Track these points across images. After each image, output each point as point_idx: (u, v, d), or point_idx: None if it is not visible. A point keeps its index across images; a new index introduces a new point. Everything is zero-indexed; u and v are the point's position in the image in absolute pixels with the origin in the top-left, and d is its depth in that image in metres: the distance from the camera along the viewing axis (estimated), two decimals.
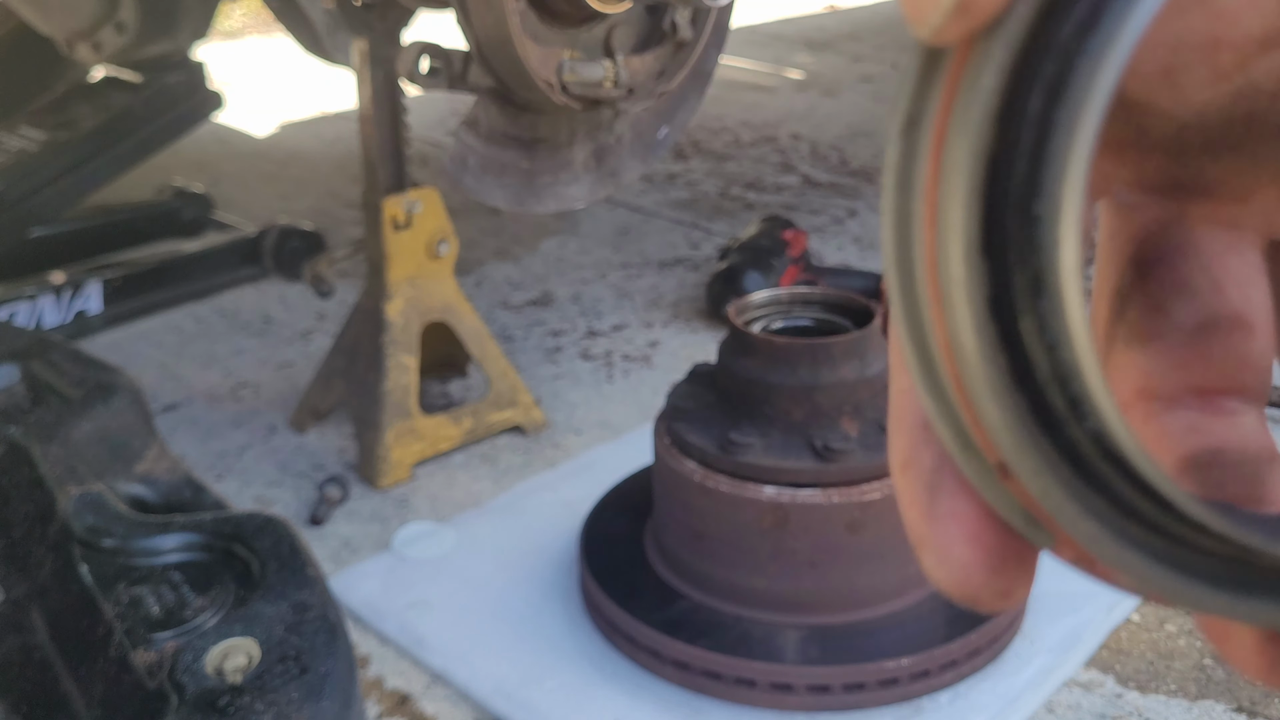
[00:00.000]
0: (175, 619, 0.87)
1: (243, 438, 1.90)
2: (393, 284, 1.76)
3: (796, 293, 1.44)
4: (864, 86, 4.17)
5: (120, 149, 2.35)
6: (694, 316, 2.33)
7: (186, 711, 0.78)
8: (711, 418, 1.36)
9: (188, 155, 3.20)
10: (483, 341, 1.85)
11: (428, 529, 1.62)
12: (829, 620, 1.31)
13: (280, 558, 0.92)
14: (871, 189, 3.11)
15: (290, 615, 0.86)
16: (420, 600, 1.47)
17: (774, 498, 1.28)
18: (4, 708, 0.89)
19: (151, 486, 1.09)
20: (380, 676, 1.37)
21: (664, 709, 1.29)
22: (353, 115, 1.81)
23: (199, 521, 0.96)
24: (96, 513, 0.97)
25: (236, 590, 0.91)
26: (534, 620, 1.43)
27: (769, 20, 5.32)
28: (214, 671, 0.81)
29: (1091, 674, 1.35)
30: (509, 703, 1.30)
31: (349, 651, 0.86)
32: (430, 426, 1.78)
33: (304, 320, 2.33)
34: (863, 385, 1.32)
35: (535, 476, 1.77)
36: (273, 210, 2.90)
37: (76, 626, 0.91)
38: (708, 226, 2.83)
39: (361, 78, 1.70)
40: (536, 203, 1.67)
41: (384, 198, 1.73)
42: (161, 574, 0.92)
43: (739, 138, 3.55)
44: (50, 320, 2.20)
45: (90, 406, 1.11)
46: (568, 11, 1.53)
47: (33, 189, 2.27)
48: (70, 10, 2.24)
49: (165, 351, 2.21)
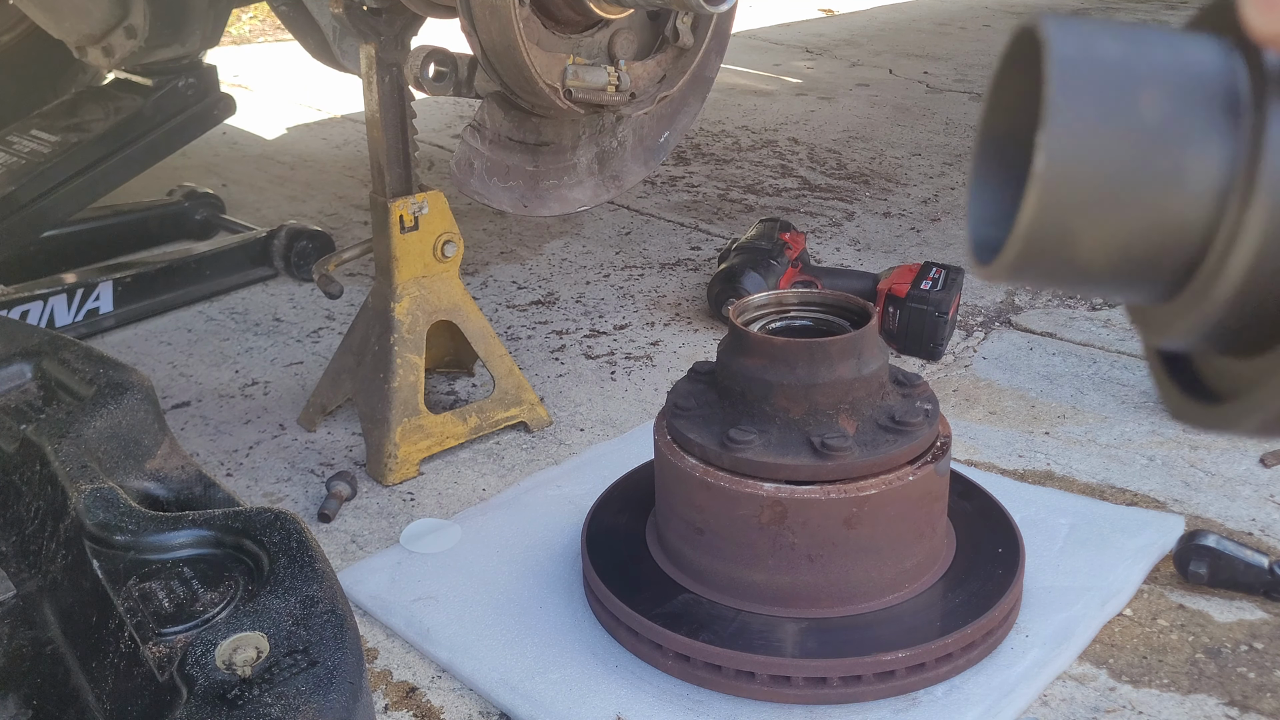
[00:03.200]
0: (185, 613, 0.88)
1: (252, 435, 1.92)
2: (400, 284, 1.78)
3: (795, 293, 1.46)
4: (861, 91, 4.18)
5: (131, 152, 2.37)
6: (695, 317, 2.35)
7: (196, 704, 0.79)
8: (712, 416, 1.38)
9: (199, 158, 3.23)
10: (488, 341, 1.87)
11: (434, 524, 1.65)
12: (827, 614, 1.33)
13: (289, 553, 0.93)
14: (868, 192, 3.13)
15: (299, 609, 0.87)
16: (427, 594, 1.49)
17: (773, 494, 1.30)
18: (16, 701, 0.90)
19: (162, 483, 1.10)
20: (388, 669, 1.39)
21: (665, 701, 1.30)
22: (361, 119, 1.83)
23: (209, 517, 0.97)
24: (108, 509, 0.98)
25: (246, 585, 0.91)
26: (538, 613, 1.45)
27: (767, 25, 5.34)
28: (224, 664, 0.82)
29: (1085, 668, 1.36)
30: (513, 694, 1.32)
31: (357, 644, 0.87)
32: (437, 424, 1.80)
33: (313, 320, 2.36)
34: (860, 384, 1.34)
35: (540, 472, 1.79)
36: (282, 212, 2.93)
37: (88, 621, 0.93)
38: (708, 229, 2.85)
39: (369, 82, 1.72)
40: (541, 205, 1.69)
41: (392, 200, 1.75)
42: (172, 569, 0.93)
43: (739, 142, 3.57)
44: (62, 319, 2.23)
45: (102, 404, 1.12)
46: (572, 18, 1.55)
47: (44, 191, 2.29)
48: (82, 15, 2.26)
49: (176, 350, 2.24)
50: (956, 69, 4.52)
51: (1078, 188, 0.30)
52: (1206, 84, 0.30)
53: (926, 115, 3.87)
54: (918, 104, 4.01)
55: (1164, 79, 0.30)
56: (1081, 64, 0.30)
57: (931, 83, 4.31)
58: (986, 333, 2.28)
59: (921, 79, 4.37)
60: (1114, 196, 0.30)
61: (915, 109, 3.95)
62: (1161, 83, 0.30)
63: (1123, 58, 0.30)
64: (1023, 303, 2.42)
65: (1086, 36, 0.30)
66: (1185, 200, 0.30)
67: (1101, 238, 0.30)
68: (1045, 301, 2.43)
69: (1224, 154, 0.30)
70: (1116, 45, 0.30)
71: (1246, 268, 0.29)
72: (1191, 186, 0.30)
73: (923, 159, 3.41)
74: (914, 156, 3.44)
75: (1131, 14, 5.65)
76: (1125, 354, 2.15)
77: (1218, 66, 0.30)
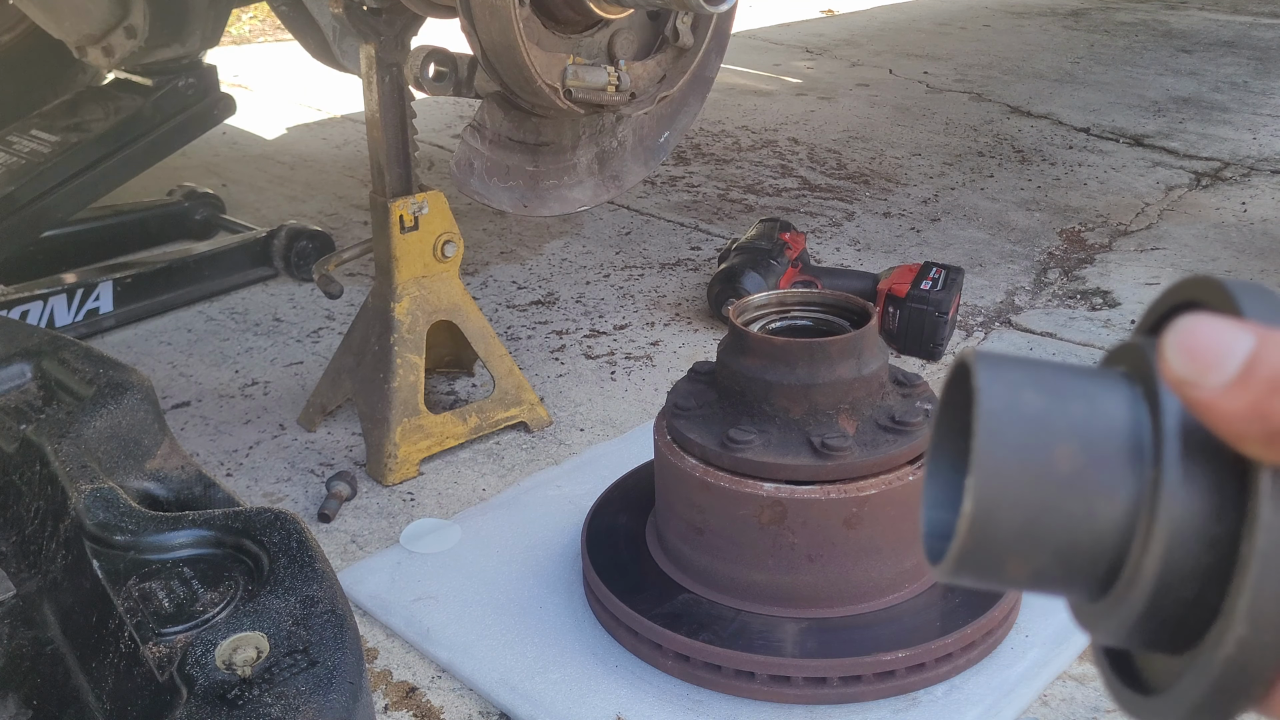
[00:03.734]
0: (185, 613, 0.88)
1: (252, 435, 1.92)
2: (400, 284, 1.78)
3: (795, 293, 1.46)
4: (861, 91, 4.18)
5: (131, 152, 2.37)
6: (695, 317, 2.35)
7: (196, 704, 0.78)
8: (712, 416, 1.38)
9: (199, 158, 3.23)
10: (488, 341, 1.87)
11: (434, 524, 1.65)
12: (827, 614, 1.33)
13: (289, 553, 0.93)
14: (868, 192, 3.13)
15: (299, 609, 0.87)
16: (427, 594, 1.49)
17: (773, 494, 1.30)
18: (17, 701, 0.90)
19: (162, 483, 1.10)
20: (388, 668, 1.39)
21: (665, 701, 1.31)
22: (361, 119, 1.83)
23: (209, 517, 0.97)
24: (108, 509, 0.98)
25: (246, 585, 0.91)
26: (538, 613, 1.46)
27: (767, 25, 5.34)
28: (224, 664, 0.82)
29: (1085, 667, 1.36)
30: (513, 694, 1.32)
31: (357, 644, 0.87)
32: (437, 424, 1.80)
33: (313, 320, 2.36)
34: (859, 384, 1.34)
35: (540, 472, 1.79)
36: (282, 212, 2.93)
37: (88, 621, 0.93)
38: (708, 229, 2.85)
39: (369, 83, 1.72)
40: (541, 205, 1.69)
41: (392, 200, 1.75)
42: (172, 569, 0.93)
43: (739, 142, 3.57)
44: (62, 319, 2.23)
45: (102, 404, 1.12)
46: (571, 18, 1.55)
47: (44, 191, 2.28)
48: (82, 15, 2.26)
49: (176, 350, 2.24)
50: (956, 69, 4.52)
51: (1000, 527, 0.36)
52: (1114, 437, 0.36)
53: (926, 115, 3.87)
54: (918, 104, 4.01)
55: (1078, 433, 0.36)
56: (1005, 416, 0.36)
57: (931, 83, 4.31)
58: (986, 333, 2.28)
59: (921, 79, 4.37)
60: (1032, 535, 0.36)
61: (915, 109, 3.95)
62: (1075, 436, 0.36)
63: (1042, 412, 0.36)
64: (1023, 303, 2.42)
65: (1012, 387, 0.37)
66: (1096, 536, 0.36)
67: (1023, 564, 0.37)
68: (1045, 302, 2.43)
69: (1128, 499, 0.36)
70: (1038, 399, 0.36)
71: (1148, 596, 0.36)
72: (1101, 525, 0.36)
73: (923, 159, 3.41)
74: (914, 156, 3.44)
75: (1131, 14, 5.65)
76: None
77: (1125, 419, 0.37)
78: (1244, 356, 0.33)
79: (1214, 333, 0.34)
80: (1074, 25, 5.42)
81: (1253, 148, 3.57)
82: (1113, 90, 4.22)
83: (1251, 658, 0.34)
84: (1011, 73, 4.47)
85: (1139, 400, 0.37)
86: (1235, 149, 3.55)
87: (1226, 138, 3.66)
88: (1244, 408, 0.33)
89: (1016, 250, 2.72)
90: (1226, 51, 4.88)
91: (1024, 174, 3.30)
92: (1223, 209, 3.03)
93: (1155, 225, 2.91)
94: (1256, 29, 5.35)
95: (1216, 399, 0.33)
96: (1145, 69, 4.56)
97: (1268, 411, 0.32)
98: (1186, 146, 3.57)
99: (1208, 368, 0.33)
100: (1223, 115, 3.92)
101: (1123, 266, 2.64)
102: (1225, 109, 4.00)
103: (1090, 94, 4.16)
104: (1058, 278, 2.57)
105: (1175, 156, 3.48)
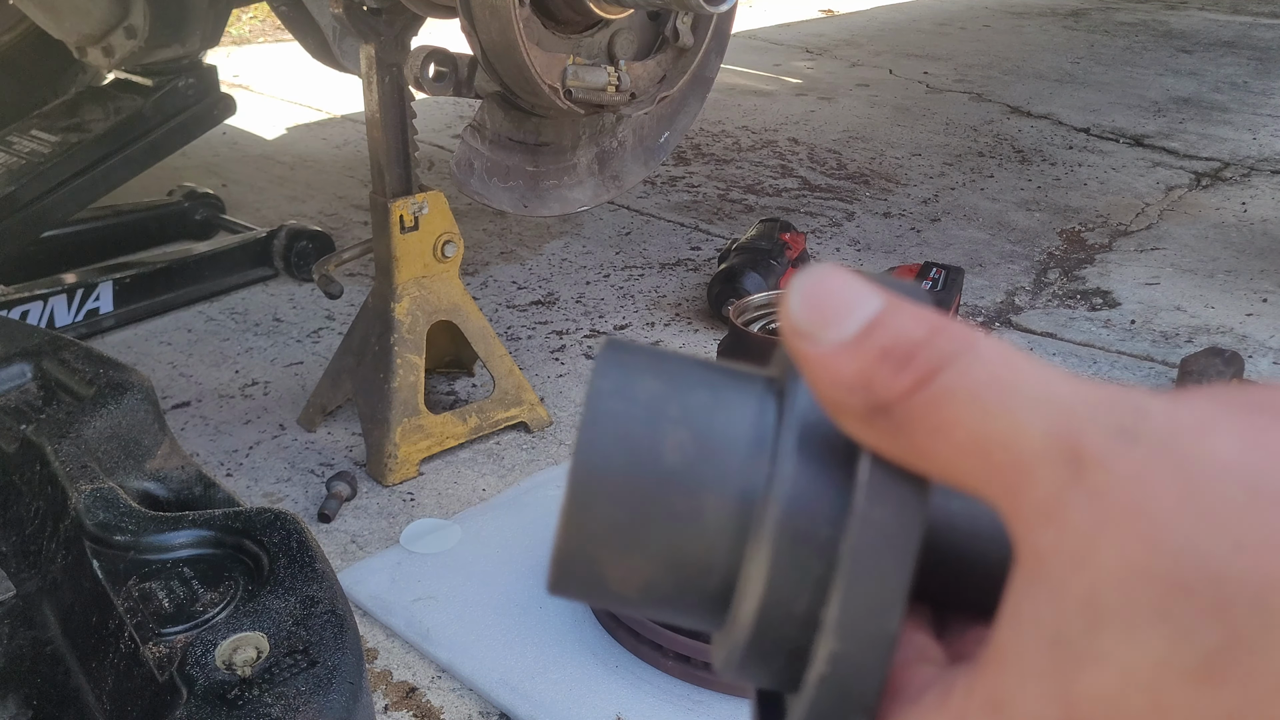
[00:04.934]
0: (185, 613, 0.88)
1: (252, 435, 1.92)
2: (400, 284, 1.78)
3: None
4: (861, 91, 4.18)
5: (131, 152, 2.37)
6: (695, 317, 2.35)
7: (196, 704, 0.78)
8: None
9: (199, 158, 3.23)
10: (488, 341, 1.87)
11: (434, 524, 1.65)
12: None
13: (289, 553, 0.93)
14: (868, 192, 3.13)
15: (299, 609, 0.87)
16: (427, 594, 1.49)
17: None
18: (16, 701, 0.90)
19: (162, 483, 1.10)
20: (388, 669, 1.39)
21: (665, 701, 1.31)
22: (361, 119, 1.83)
23: (209, 518, 0.97)
24: (108, 509, 0.98)
25: (246, 585, 0.91)
26: (538, 614, 1.46)
27: (767, 25, 5.35)
28: (224, 664, 0.82)
29: None
30: (513, 694, 1.32)
31: (357, 644, 0.87)
32: (437, 424, 1.80)
33: (313, 320, 2.36)
34: None
35: (540, 473, 1.79)
36: (282, 212, 2.93)
37: (88, 621, 0.93)
38: (708, 229, 2.85)
39: (369, 83, 1.72)
40: (541, 205, 1.69)
41: (392, 200, 1.75)
42: (172, 569, 0.93)
43: (739, 142, 3.57)
44: (62, 319, 2.23)
45: (102, 404, 1.12)
46: (572, 18, 1.55)
47: (44, 191, 2.28)
48: (81, 15, 2.26)
49: (176, 350, 2.24)
50: (956, 69, 4.52)
51: (598, 525, 0.30)
52: (734, 429, 0.31)
53: (926, 115, 3.87)
54: (918, 104, 4.01)
55: (693, 423, 0.31)
56: (613, 399, 0.31)
57: (931, 83, 4.31)
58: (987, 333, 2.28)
59: (921, 79, 4.37)
60: (635, 537, 0.30)
61: (915, 109, 3.95)
62: (690, 426, 0.31)
63: (656, 398, 0.31)
64: (1023, 303, 2.42)
65: (631, 371, 0.31)
66: (707, 542, 0.31)
67: (626, 571, 0.31)
68: (1045, 302, 2.44)
69: (740, 498, 0.30)
70: (655, 384, 0.31)
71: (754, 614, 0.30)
72: (710, 528, 0.30)
73: (923, 159, 3.41)
74: (914, 156, 3.44)
75: (1131, 14, 5.66)
76: (1125, 354, 2.16)
77: (751, 412, 0.31)
78: (868, 317, 0.30)
79: (845, 286, 0.31)
80: (1074, 25, 5.42)
81: (1253, 148, 3.57)
82: (1113, 90, 4.22)
83: (850, 677, 0.29)
84: (1011, 73, 4.47)
85: (770, 394, 0.32)
86: (1235, 149, 3.55)
87: (1226, 138, 3.66)
88: (851, 374, 0.29)
89: (1016, 250, 2.72)
90: (1226, 52, 4.88)
91: (1024, 174, 3.30)
92: (1223, 209, 3.03)
93: (1155, 225, 2.91)
94: (1256, 29, 5.35)
95: (827, 356, 0.29)
96: (1145, 69, 4.57)
97: (873, 380, 0.29)
98: (1186, 147, 3.57)
99: (827, 321, 0.30)
100: (1223, 115, 3.92)
101: (1123, 267, 2.64)
102: (1225, 109, 4.00)
103: (1090, 94, 4.16)
104: (1058, 278, 2.57)
105: (1175, 157, 3.48)
